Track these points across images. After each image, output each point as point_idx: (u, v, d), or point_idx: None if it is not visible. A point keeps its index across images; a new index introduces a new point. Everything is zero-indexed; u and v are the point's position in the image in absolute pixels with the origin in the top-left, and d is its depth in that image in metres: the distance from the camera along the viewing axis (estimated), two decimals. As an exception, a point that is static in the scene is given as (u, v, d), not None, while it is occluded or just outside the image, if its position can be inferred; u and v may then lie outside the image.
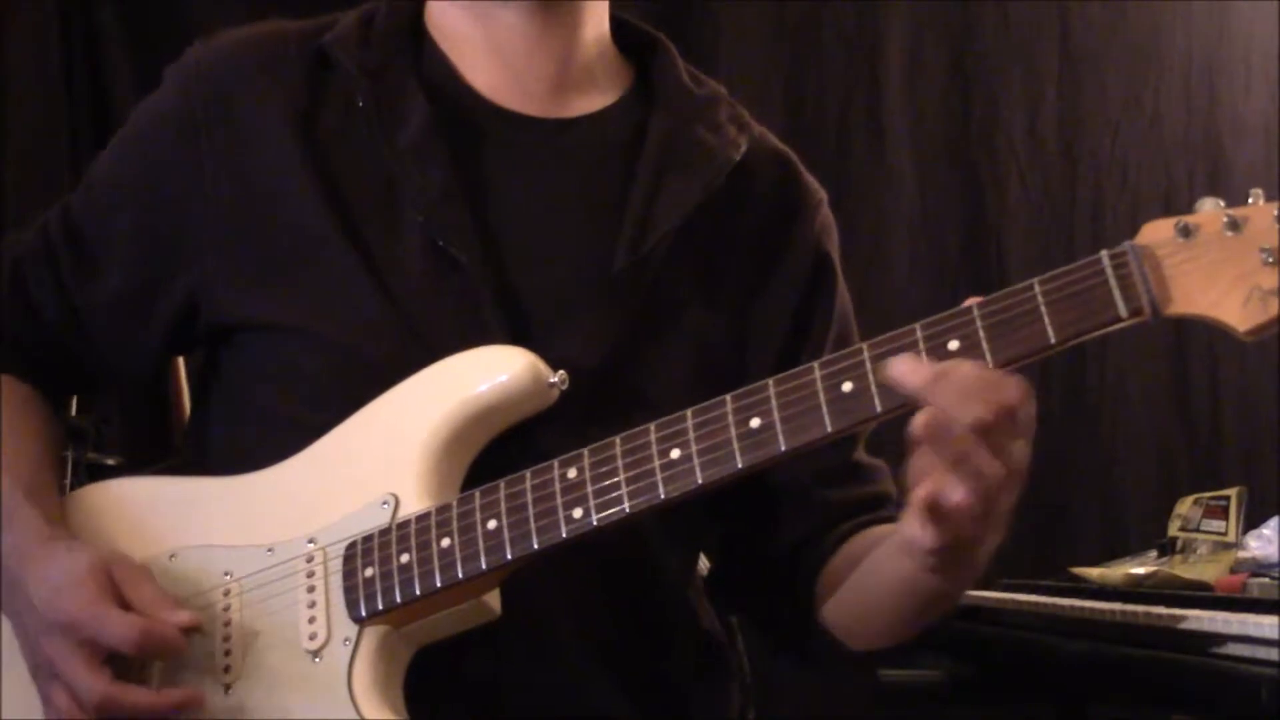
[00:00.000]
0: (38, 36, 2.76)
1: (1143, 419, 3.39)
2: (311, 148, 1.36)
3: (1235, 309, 1.05)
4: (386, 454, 1.28)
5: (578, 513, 1.20)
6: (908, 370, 1.09)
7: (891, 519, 1.38)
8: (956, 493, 1.07)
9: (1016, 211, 3.38)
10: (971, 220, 3.36)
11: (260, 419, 1.37)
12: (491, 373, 1.27)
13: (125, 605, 1.25)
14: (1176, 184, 3.43)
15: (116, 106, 2.73)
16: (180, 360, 1.94)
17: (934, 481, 1.07)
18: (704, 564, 1.54)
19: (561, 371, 1.28)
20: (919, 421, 1.06)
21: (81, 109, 2.80)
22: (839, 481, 1.42)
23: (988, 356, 1.09)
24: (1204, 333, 3.40)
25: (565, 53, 1.42)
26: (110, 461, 2.30)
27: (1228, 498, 2.20)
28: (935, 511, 1.08)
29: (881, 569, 1.29)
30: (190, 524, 1.35)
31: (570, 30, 1.42)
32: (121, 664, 1.25)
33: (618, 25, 1.48)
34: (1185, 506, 2.30)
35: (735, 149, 1.42)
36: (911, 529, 1.09)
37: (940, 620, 1.33)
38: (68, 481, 2.12)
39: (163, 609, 1.25)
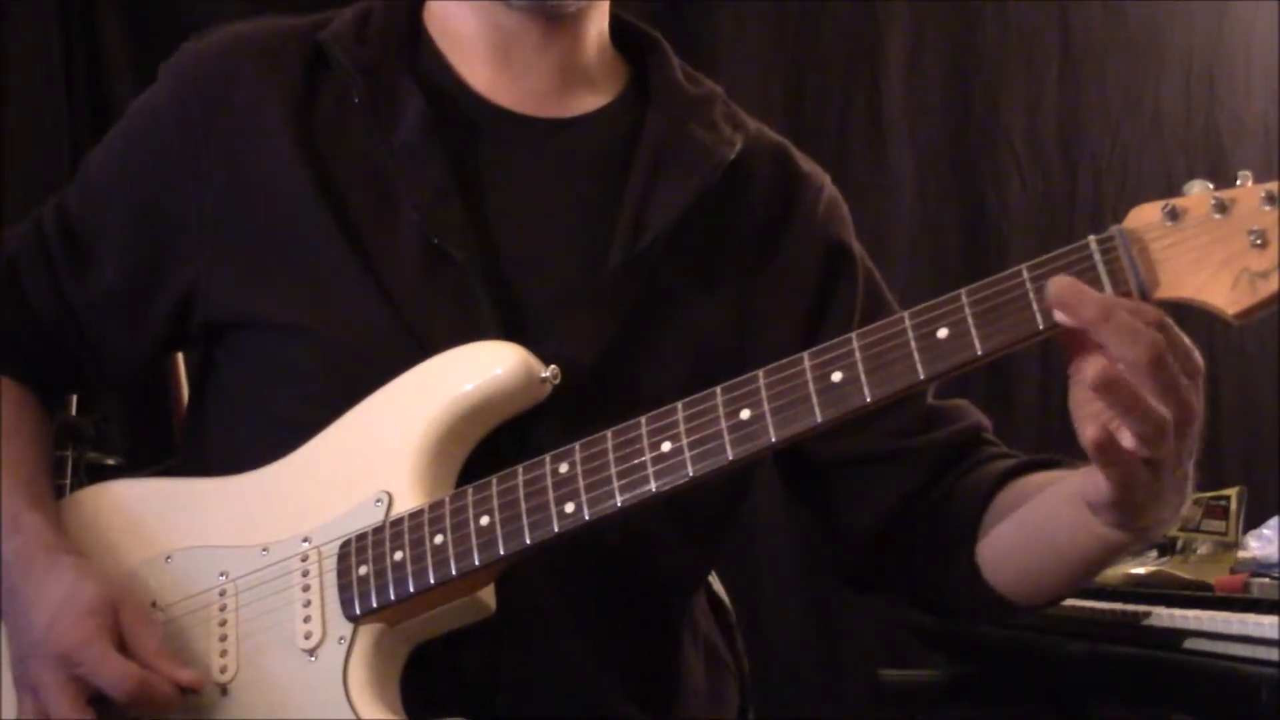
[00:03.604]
0: (38, 36, 2.76)
1: (1143, 419, 3.38)
2: (307, 144, 1.36)
3: (1224, 292, 1.04)
4: (380, 451, 1.28)
5: (570, 507, 1.20)
6: (1071, 297, 1.05)
7: (1005, 455, 1.37)
8: (1126, 437, 1.05)
9: (1016, 211, 3.37)
10: (971, 220, 3.36)
11: (256, 417, 1.36)
12: (483, 368, 1.27)
13: (124, 649, 1.24)
14: (1176, 184, 3.41)
15: (116, 106, 2.72)
16: (180, 359, 1.94)
17: (1101, 427, 1.05)
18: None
19: (553, 366, 1.27)
20: (1093, 372, 1.03)
21: (81, 109, 2.80)
22: (924, 429, 1.39)
23: (976, 344, 1.09)
24: (1204, 333, 3.39)
25: (569, 55, 1.42)
26: (110, 461, 2.30)
27: (1228, 498, 2.19)
28: (1108, 455, 1.06)
29: (1062, 528, 1.23)
30: (186, 525, 1.35)
31: (576, 35, 1.42)
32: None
33: (615, 24, 1.48)
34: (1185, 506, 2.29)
35: (730, 147, 1.42)
36: (1087, 485, 1.08)
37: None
38: (66, 482, 2.12)
39: (165, 663, 1.24)
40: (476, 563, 1.22)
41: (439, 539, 1.23)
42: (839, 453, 1.39)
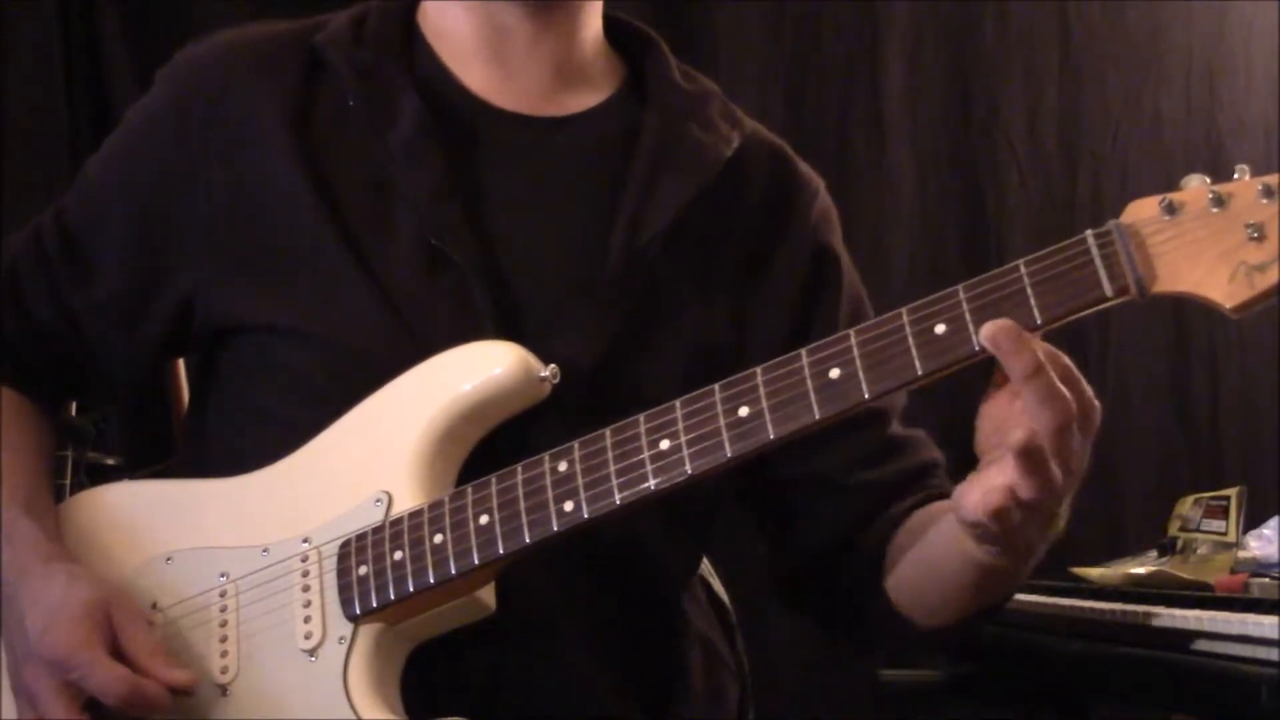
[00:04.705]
0: (38, 36, 2.77)
1: (1143, 419, 3.39)
2: (304, 148, 1.36)
3: (1221, 286, 1.04)
4: (380, 452, 1.28)
5: (569, 506, 1.20)
6: (1008, 343, 1.06)
7: (943, 491, 1.37)
8: (1026, 491, 1.08)
9: (1016, 211, 3.37)
10: (971, 220, 3.36)
11: (256, 419, 1.36)
12: (482, 368, 1.27)
13: (118, 651, 1.24)
14: (1176, 184, 3.42)
15: (116, 106, 2.72)
16: (181, 361, 1.94)
17: (1002, 491, 1.09)
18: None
19: (553, 365, 1.28)
20: (1021, 441, 1.06)
21: (81, 109, 2.80)
22: (877, 461, 1.40)
23: (974, 339, 1.09)
24: (1204, 332, 3.43)
25: (563, 53, 1.42)
26: (110, 461, 2.30)
27: (1228, 498, 2.19)
28: (1001, 515, 1.10)
29: (940, 547, 1.28)
30: (186, 526, 1.35)
31: (568, 30, 1.42)
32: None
33: (609, 22, 1.48)
34: (1185, 506, 2.30)
35: (727, 145, 1.42)
36: (964, 508, 1.11)
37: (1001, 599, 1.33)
38: (66, 482, 2.12)
39: (158, 665, 1.24)
40: (476, 562, 1.22)
41: (438, 538, 1.23)
42: (797, 473, 1.40)
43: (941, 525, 1.27)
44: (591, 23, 1.45)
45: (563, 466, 1.21)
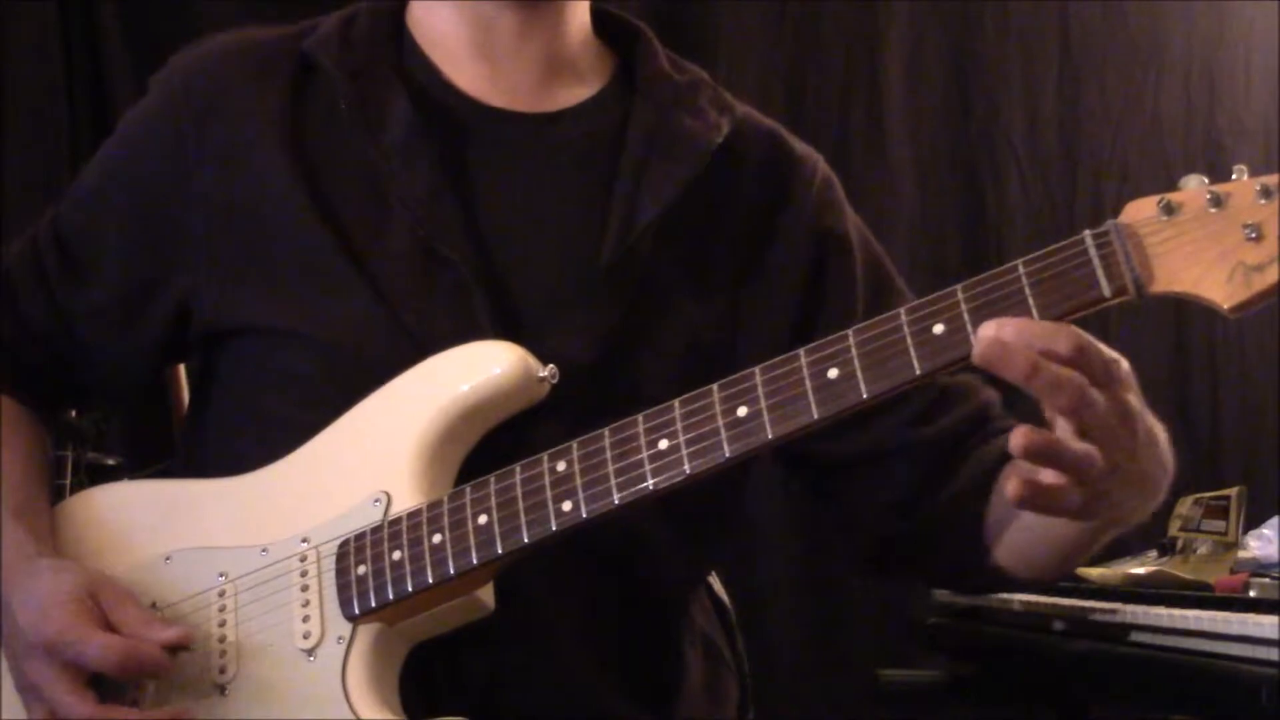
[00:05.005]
0: (38, 36, 2.77)
1: (1143, 419, 3.39)
2: (298, 151, 1.36)
3: (1219, 286, 1.04)
4: (378, 452, 1.28)
5: (567, 505, 1.19)
6: (997, 358, 1.06)
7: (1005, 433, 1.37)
8: (1059, 478, 1.08)
9: (1016, 211, 3.38)
10: (971, 220, 3.36)
11: (255, 420, 1.36)
12: (481, 368, 1.27)
13: (109, 627, 1.25)
14: (1176, 184, 3.42)
15: (116, 106, 2.73)
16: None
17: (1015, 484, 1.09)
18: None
19: (551, 365, 1.27)
20: (1012, 448, 1.06)
21: (81, 109, 2.81)
22: (934, 415, 1.40)
23: (972, 339, 1.09)
24: (1204, 332, 3.43)
25: (550, 48, 1.42)
26: (110, 461, 2.30)
27: (1228, 498, 2.19)
28: (1026, 505, 1.11)
29: (1043, 526, 1.27)
30: (185, 526, 1.35)
31: (556, 26, 1.42)
32: (112, 684, 1.25)
33: (598, 15, 1.48)
34: (1185, 506, 2.29)
35: (717, 132, 1.41)
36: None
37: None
38: (66, 482, 2.12)
39: (148, 628, 1.25)
40: (474, 562, 1.21)
41: (437, 538, 1.23)
42: (853, 449, 1.39)
43: None
44: (579, 17, 1.45)
45: (561, 466, 1.20)
